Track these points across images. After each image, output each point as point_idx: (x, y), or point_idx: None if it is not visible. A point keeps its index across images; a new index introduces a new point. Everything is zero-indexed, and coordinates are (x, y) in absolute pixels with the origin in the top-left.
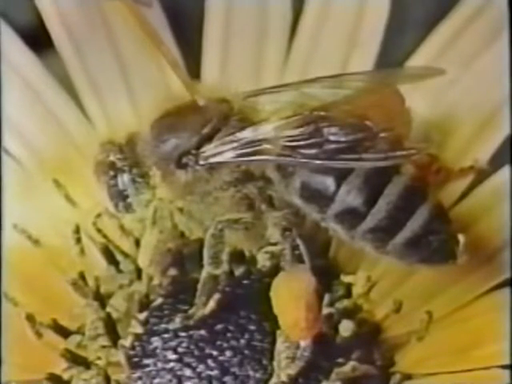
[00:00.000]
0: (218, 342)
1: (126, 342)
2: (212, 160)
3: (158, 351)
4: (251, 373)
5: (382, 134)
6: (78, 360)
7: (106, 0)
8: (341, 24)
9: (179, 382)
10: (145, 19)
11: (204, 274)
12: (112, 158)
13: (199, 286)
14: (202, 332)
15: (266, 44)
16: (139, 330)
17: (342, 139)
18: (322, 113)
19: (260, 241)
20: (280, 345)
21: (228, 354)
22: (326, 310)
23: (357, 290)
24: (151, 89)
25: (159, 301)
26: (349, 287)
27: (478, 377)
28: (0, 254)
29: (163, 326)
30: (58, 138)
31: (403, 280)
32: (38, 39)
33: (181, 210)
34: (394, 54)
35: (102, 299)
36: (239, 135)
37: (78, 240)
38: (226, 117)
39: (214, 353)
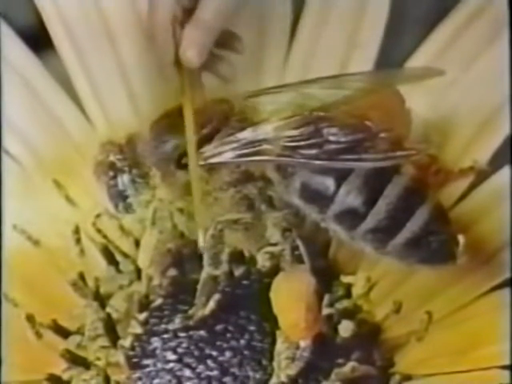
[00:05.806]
0: (218, 343)
1: (126, 342)
2: (212, 160)
3: (157, 352)
4: (251, 373)
5: (382, 135)
6: (77, 360)
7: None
8: (341, 25)
9: (179, 383)
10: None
11: (204, 274)
12: (112, 158)
13: (199, 287)
14: (202, 332)
15: (267, 45)
16: (139, 330)
17: (342, 140)
18: (322, 113)
19: (260, 241)
20: (280, 345)
21: (228, 354)
22: (325, 311)
23: (357, 291)
24: (151, 89)
25: (159, 301)
26: (349, 288)
27: (477, 377)
28: (0, 255)
29: (163, 326)
30: (58, 139)
31: (403, 280)
32: (38, 40)
33: (181, 210)
34: (393, 54)
35: (101, 300)
36: (239, 136)
37: (78, 240)
38: (226, 117)
39: (214, 353)
